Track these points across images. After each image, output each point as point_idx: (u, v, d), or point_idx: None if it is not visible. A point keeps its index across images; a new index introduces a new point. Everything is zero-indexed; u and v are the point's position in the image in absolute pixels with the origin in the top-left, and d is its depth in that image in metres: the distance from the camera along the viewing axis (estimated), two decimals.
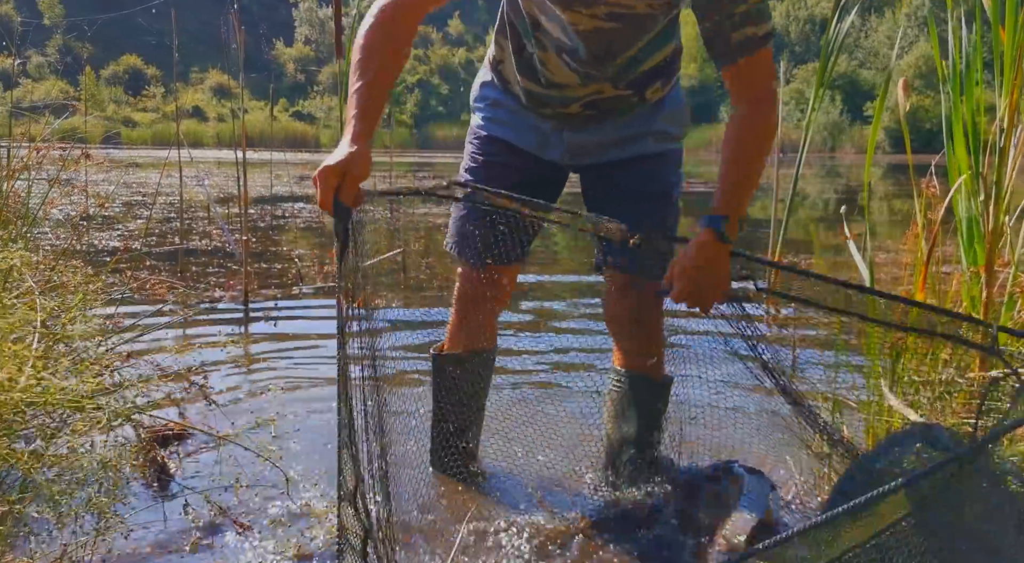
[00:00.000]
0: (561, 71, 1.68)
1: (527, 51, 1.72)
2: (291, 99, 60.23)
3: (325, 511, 1.81)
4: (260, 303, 4.19)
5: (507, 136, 1.87)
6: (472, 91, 1.99)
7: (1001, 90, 1.94)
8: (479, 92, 1.95)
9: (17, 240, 2.09)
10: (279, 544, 1.66)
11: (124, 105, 52.13)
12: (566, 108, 1.76)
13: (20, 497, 1.31)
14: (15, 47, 3.82)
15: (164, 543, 1.65)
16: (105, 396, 1.45)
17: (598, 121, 1.78)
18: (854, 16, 2.59)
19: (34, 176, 2.45)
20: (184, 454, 2.12)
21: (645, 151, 1.80)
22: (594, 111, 1.76)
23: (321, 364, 3.10)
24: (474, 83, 1.98)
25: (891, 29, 34.02)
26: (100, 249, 5.61)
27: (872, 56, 49.52)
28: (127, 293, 3.26)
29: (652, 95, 1.77)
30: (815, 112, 2.91)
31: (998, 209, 1.94)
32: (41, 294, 1.44)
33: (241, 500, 1.86)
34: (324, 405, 2.60)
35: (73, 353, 1.47)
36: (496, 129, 1.89)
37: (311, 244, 6.75)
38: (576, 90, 1.71)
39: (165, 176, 6.29)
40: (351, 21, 5.81)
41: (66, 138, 2.82)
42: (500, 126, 1.88)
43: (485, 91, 1.93)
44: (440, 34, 76.55)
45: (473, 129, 1.95)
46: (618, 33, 1.59)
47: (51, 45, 58.12)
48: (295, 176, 15.34)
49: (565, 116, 1.78)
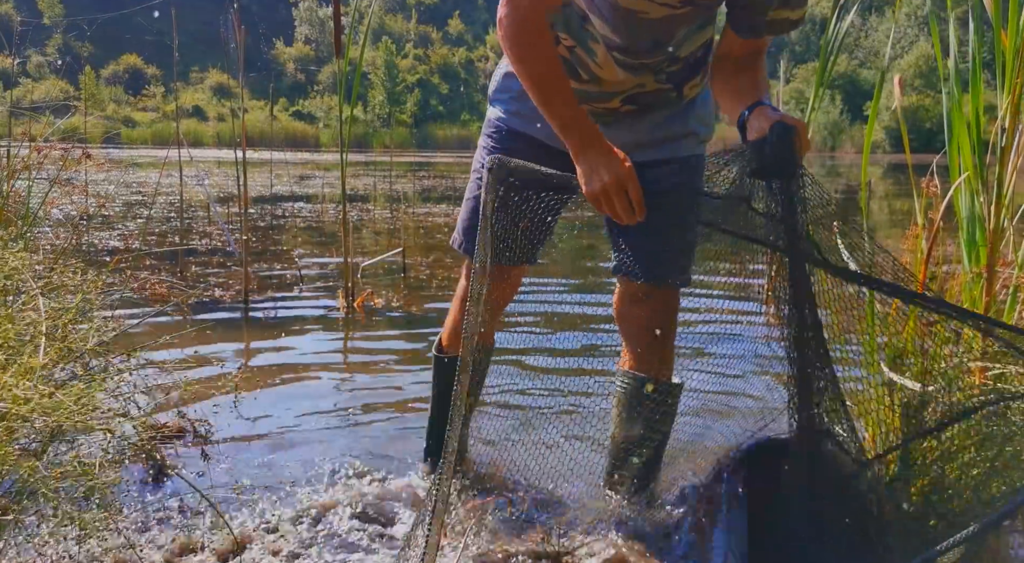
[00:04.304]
0: (609, 65, 1.62)
1: (564, 45, 1.65)
2: (291, 99, 60.26)
3: (325, 513, 1.80)
4: (260, 303, 4.19)
5: (532, 131, 1.77)
6: (492, 82, 1.89)
7: (1002, 90, 1.94)
8: (501, 82, 1.84)
9: (17, 240, 2.09)
10: (277, 546, 1.65)
11: (124, 105, 52.17)
12: (606, 103, 1.70)
13: (19, 497, 1.31)
14: (15, 46, 3.81)
15: (163, 543, 1.65)
16: (110, 402, 1.45)
17: (636, 117, 1.73)
18: (854, 16, 2.59)
19: (34, 176, 2.45)
20: (185, 454, 2.12)
21: (679, 153, 1.77)
22: (634, 106, 1.71)
23: (321, 364, 3.10)
24: (495, 73, 1.88)
25: (890, 29, 33.98)
26: (100, 249, 5.61)
27: (872, 56, 49.56)
28: (127, 293, 3.26)
29: (689, 91, 1.73)
30: (815, 112, 2.91)
31: (999, 209, 1.94)
32: (41, 295, 1.44)
33: (242, 501, 1.86)
34: (324, 405, 2.60)
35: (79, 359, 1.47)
36: (520, 123, 1.79)
37: (311, 244, 6.75)
38: (621, 84, 1.66)
39: (165, 176, 6.30)
40: (351, 20, 5.81)
41: (66, 138, 2.82)
42: (525, 120, 1.78)
43: (509, 82, 1.81)
44: (440, 34, 76.55)
45: (492, 122, 1.85)
46: (684, 18, 1.55)
47: (51, 45, 58.12)
48: (295, 176, 15.34)
49: (602, 112, 1.72)
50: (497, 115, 1.84)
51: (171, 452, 2.10)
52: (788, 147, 1.33)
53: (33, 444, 1.34)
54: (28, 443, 1.33)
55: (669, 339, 1.82)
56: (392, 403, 2.64)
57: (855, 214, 5.70)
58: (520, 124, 1.79)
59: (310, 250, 6.33)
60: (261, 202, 10.29)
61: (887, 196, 13.52)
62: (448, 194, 13.01)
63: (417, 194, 13.10)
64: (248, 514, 1.79)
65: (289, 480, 2.00)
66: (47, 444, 1.32)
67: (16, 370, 1.22)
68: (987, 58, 2.06)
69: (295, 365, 3.07)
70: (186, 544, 1.64)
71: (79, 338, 1.40)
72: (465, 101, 64.17)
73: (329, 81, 59.33)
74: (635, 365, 1.84)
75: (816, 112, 2.74)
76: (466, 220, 1.85)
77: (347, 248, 4.22)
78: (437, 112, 62.53)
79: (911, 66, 43.97)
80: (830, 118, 43.35)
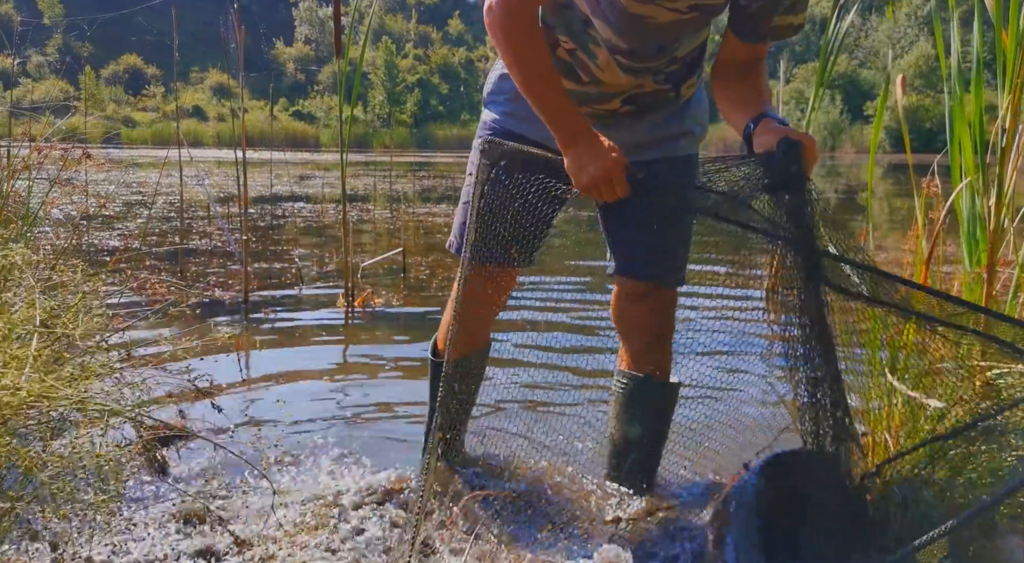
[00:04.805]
0: (611, 67, 1.62)
1: (565, 48, 1.65)
2: (291, 99, 60.28)
3: (324, 513, 1.80)
4: (260, 302, 4.19)
5: (527, 131, 1.74)
6: (487, 84, 1.87)
7: (1003, 90, 1.94)
8: (496, 84, 1.83)
9: (18, 239, 2.09)
10: (274, 549, 1.65)
11: (124, 105, 52.20)
12: (605, 104, 1.70)
13: (19, 495, 1.31)
14: (15, 46, 3.81)
15: (161, 543, 1.65)
16: (108, 397, 1.45)
17: (634, 118, 1.74)
18: (854, 16, 2.59)
19: (34, 176, 2.45)
20: (185, 453, 2.12)
21: (676, 153, 1.78)
22: (633, 107, 1.71)
23: (321, 363, 3.10)
24: (489, 75, 1.88)
25: (891, 29, 34.09)
26: (100, 249, 5.61)
27: (872, 56, 49.53)
28: (127, 293, 3.26)
29: (686, 91, 1.74)
30: (815, 112, 2.91)
31: (999, 209, 1.94)
32: (41, 293, 1.44)
33: (241, 502, 1.85)
34: (324, 404, 2.59)
35: (77, 355, 1.47)
36: (515, 124, 1.78)
37: (311, 244, 6.75)
38: (621, 86, 1.66)
39: (165, 175, 6.30)
40: (351, 20, 5.80)
41: (66, 138, 2.82)
42: (521, 122, 1.76)
43: (504, 84, 1.80)
44: (440, 34, 76.56)
45: (488, 124, 1.84)
46: (691, 22, 1.55)
47: (51, 44, 58.14)
48: (295, 176, 15.33)
49: (602, 113, 1.72)
50: (492, 117, 1.83)
51: (172, 451, 2.10)
52: (795, 162, 1.35)
53: (30, 436, 1.34)
54: (25, 433, 1.33)
55: (667, 338, 1.83)
56: (392, 404, 2.64)
57: (855, 214, 5.72)
58: (515, 125, 1.78)
59: (310, 250, 6.33)
60: (261, 202, 10.29)
61: (887, 196, 13.51)
62: (448, 194, 13.01)
63: (417, 194, 13.10)
64: (248, 514, 1.79)
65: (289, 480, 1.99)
66: (46, 435, 1.32)
67: (6, 359, 1.22)
68: (988, 58, 2.06)
69: (295, 365, 3.07)
70: (185, 543, 1.64)
71: (75, 330, 1.39)
72: (465, 101, 64.15)
73: (329, 81, 59.35)
74: (633, 365, 1.84)
75: (816, 112, 2.74)
76: (462, 224, 1.83)
77: (347, 248, 4.22)
78: (437, 112, 62.53)
79: (911, 66, 43.95)
80: (830, 118, 43.34)
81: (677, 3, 1.49)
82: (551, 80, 1.54)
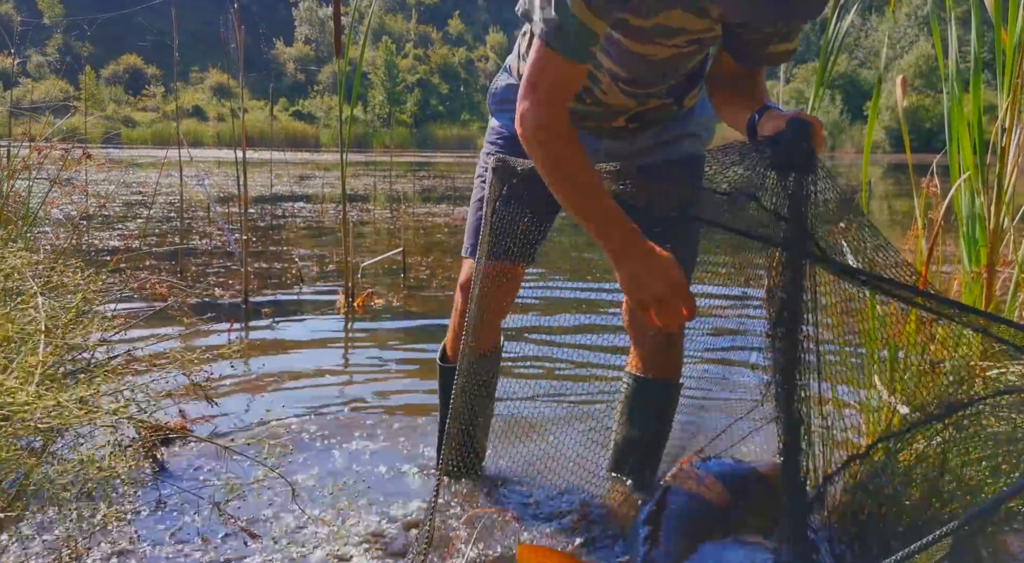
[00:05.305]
0: (614, 92, 1.65)
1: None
2: (291, 99, 60.31)
3: (324, 515, 1.80)
4: (260, 303, 4.19)
5: None
6: (494, 93, 1.89)
7: (1002, 90, 1.94)
8: (503, 93, 1.84)
9: (17, 239, 2.09)
10: (273, 549, 1.65)
11: (124, 105, 52.21)
12: (610, 122, 1.73)
13: (19, 495, 1.31)
14: (15, 46, 3.82)
15: (161, 542, 1.65)
16: (111, 403, 1.45)
17: (639, 131, 1.77)
18: (854, 16, 2.59)
19: (34, 176, 2.45)
20: (185, 454, 2.12)
21: (681, 153, 1.80)
22: (638, 123, 1.75)
23: (321, 364, 3.10)
24: (495, 83, 1.89)
25: (891, 28, 34.18)
26: (100, 249, 5.61)
27: (872, 56, 49.56)
28: (127, 293, 3.26)
29: (689, 102, 1.77)
30: (815, 112, 2.91)
31: (999, 208, 1.94)
32: (41, 295, 1.44)
33: (242, 502, 1.86)
34: (324, 405, 2.59)
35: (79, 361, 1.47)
36: None
37: (311, 244, 6.75)
38: (625, 106, 1.68)
39: (165, 176, 6.30)
40: (351, 20, 5.81)
41: (66, 138, 2.82)
42: None
43: (511, 93, 1.78)
44: (440, 34, 76.58)
45: (496, 130, 1.85)
46: (691, 54, 1.58)
47: (51, 44, 58.17)
48: (295, 176, 15.34)
49: (607, 129, 1.76)
50: (501, 125, 1.85)
51: (173, 451, 2.10)
52: (806, 141, 1.32)
53: (34, 443, 1.34)
54: (30, 441, 1.33)
55: (678, 343, 1.84)
56: (392, 404, 2.64)
57: (855, 214, 5.70)
58: None
59: (310, 250, 6.33)
60: (261, 202, 10.29)
61: (887, 196, 13.52)
62: (448, 194, 13.01)
63: (417, 194, 13.10)
64: (247, 513, 1.79)
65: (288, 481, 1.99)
66: (48, 442, 1.32)
67: (15, 369, 1.22)
68: (987, 58, 2.06)
69: (295, 365, 3.07)
70: (184, 542, 1.64)
71: (80, 335, 1.40)
72: (465, 101, 64.18)
73: (329, 81, 59.35)
74: (643, 368, 1.85)
75: (816, 112, 2.73)
76: (472, 225, 1.85)
77: (347, 248, 4.22)
78: (437, 112, 62.55)
79: (911, 66, 43.95)
80: (830, 118, 43.37)
81: (675, 39, 1.51)
82: (597, 188, 1.46)
